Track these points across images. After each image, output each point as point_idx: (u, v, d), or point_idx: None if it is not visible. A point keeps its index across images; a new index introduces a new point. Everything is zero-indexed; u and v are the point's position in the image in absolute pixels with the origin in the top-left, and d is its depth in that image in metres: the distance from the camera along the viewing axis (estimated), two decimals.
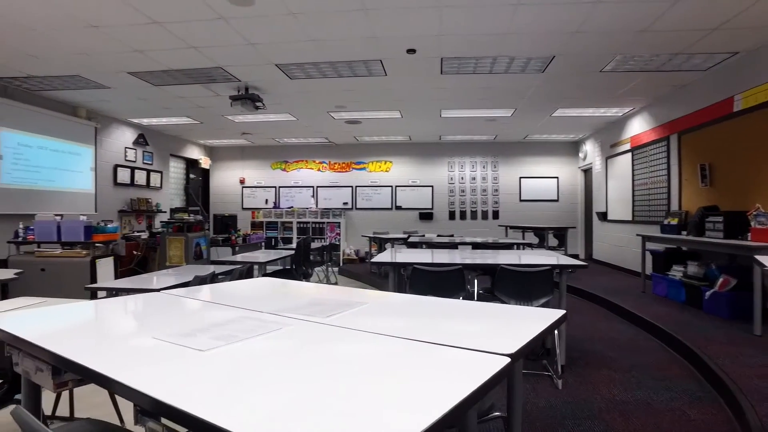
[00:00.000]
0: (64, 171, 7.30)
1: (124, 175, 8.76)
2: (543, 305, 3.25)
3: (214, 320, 1.60)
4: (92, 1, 3.95)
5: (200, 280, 3.84)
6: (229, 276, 4.49)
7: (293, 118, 8.54)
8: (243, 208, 11.84)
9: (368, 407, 0.84)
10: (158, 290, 2.15)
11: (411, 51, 5.03)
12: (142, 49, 5.04)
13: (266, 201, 11.82)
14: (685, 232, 5.61)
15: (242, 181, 11.96)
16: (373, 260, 3.57)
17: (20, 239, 5.73)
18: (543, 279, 3.16)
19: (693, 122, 5.98)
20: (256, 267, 5.26)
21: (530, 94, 6.77)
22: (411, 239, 6.61)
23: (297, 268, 5.82)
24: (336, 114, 8.14)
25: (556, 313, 1.57)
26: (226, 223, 8.61)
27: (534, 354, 3.59)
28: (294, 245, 7.59)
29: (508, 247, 6.12)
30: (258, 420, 0.77)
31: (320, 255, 7.82)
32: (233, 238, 8.31)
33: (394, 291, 3.56)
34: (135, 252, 8.23)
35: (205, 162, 11.59)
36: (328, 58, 5.28)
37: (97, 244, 5.83)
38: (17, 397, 1.99)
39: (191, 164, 11.35)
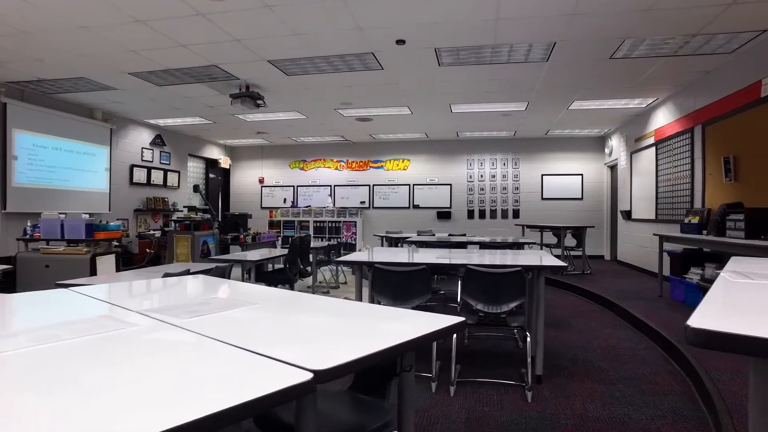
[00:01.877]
0: (79, 171, 7.51)
1: (140, 175, 8.95)
2: (515, 309, 2.98)
3: (70, 318, 1.49)
4: (76, 2, 3.98)
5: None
6: (209, 274, 4.44)
7: (303, 116, 8.48)
8: (262, 208, 11.93)
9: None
10: (67, 286, 2.07)
11: (400, 42, 4.83)
12: (135, 49, 5.07)
13: (284, 200, 11.86)
14: (705, 232, 5.14)
15: (261, 181, 12.05)
16: (337, 259, 3.41)
17: (28, 236, 5.90)
18: (512, 281, 2.90)
19: (717, 111, 5.48)
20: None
21: (540, 86, 6.41)
22: (412, 239, 6.39)
23: (291, 267, 5.72)
24: (344, 111, 8.02)
25: (441, 322, 1.36)
26: (236, 222, 8.64)
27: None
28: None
29: (519, 246, 5.82)
30: None
31: (326, 254, 7.70)
32: (242, 236, 8.33)
33: (361, 291, 3.38)
34: (148, 250, 8.42)
35: (224, 162, 11.75)
36: (318, 52, 5.14)
37: (99, 242, 5.94)
38: None
39: (211, 164, 11.53)
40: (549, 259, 3.37)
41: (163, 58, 5.33)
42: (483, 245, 5.52)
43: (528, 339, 2.96)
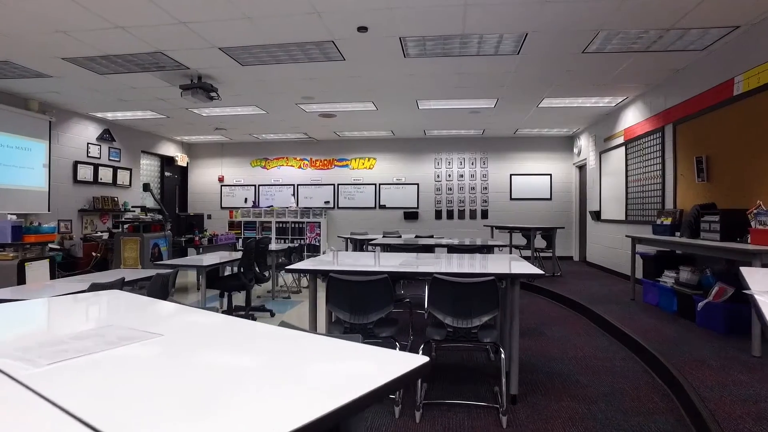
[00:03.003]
0: (10, 167, 6.81)
1: (85, 173, 8.27)
2: (487, 324, 2.66)
3: None
4: None
5: (98, 289, 3.31)
6: (149, 282, 3.97)
7: (263, 111, 8.00)
8: (221, 208, 11.36)
9: None
10: None
11: (362, 29, 4.46)
12: (64, 30, 4.51)
13: (245, 200, 11.30)
14: (678, 233, 4.99)
15: (221, 180, 11.46)
16: (288, 267, 3.02)
17: None
18: (485, 291, 2.58)
19: (689, 110, 5.35)
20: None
21: (510, 82, 6.16)
22: (376, 241, 6.03)
23: (246, 273, 5.27)
24: (306, 106, 7.59)
25: (397, 367, 0.99)
26: (191, 223, 8.09)
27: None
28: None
29: (488, 249, 5.54)
30: None
31: (287, 257, 7.27)
32: (197, 239, 7.80)
33: (315, 304, 2.99)
34: (94, 253, 7.77)
35: (181, 159, 11.11)
36: (273, 39, 4.72)
37: (29, 246, 5.35)
38: None
39: (167, 162, 10.87)
40: (524, 266, 3.07)
41: (99, 41, 4.79)
42: (451, 248, 5.21)
43: (502, 355, 2.64)
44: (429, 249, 5.60)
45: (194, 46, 4.91)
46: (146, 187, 7.43)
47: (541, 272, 2.73)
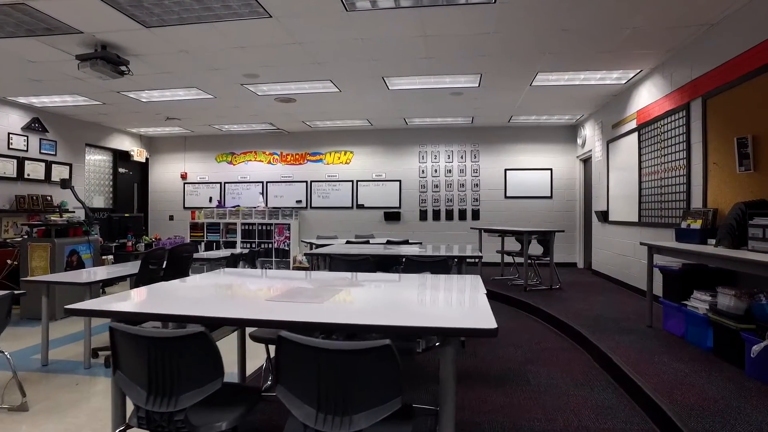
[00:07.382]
0: None
1: (6, 167, 7.13)
2: (384, 425, 1.41)
3: None
4: None
5: None
6: None
7: (208, 96, 6.82)
8: (184, 208, 10.19)
9: None
10: None
11: None
12: None
13: (210, 199, 10.12)
14: (713, 241, 3.71)
15: (184, 177, 10.28)
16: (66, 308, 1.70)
17: None
18: (374, 368, 1.34)
19: (725, 77, 4.05)
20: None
21: (492, 48, 4.89)
22: (320, 251, 4.76)
23: None
24: (254, 87, 6.37)
25: None
26: (126, 226, 6.92)
27: None
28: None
29: (460, 261, 4.31)
30: None
31: (236, 266, 6.06)
32: (129, 244, 6.63)
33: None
34: (9, 261, 6.62)
35: (138, 154, 9.95)
36: None
37: None
38: None
39: (121, 156, 9.72)
40: (473, 307, 1.82)
41: None
42: (409, 261, 3.97)
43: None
44: (390, 262, 4.37)
45: None
46: (65, 184, 6.25)
47: (490, 326, 1.47)
